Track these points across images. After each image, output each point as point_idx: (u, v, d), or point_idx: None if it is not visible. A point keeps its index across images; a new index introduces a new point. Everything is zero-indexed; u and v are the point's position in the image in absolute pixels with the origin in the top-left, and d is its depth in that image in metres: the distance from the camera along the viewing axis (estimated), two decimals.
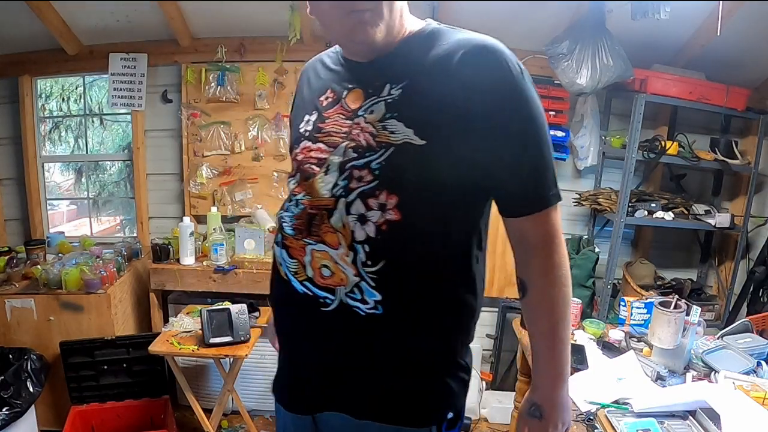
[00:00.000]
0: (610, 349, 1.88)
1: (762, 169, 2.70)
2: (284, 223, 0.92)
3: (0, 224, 2.91)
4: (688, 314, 1.71)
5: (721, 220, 2.53)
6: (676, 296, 1.77)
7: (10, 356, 2.19)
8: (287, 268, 0.91)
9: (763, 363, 1.70)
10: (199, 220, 2.87)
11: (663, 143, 2.51)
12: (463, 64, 0.80)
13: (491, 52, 0.80)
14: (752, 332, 1.90)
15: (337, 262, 0.83)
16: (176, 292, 2.61)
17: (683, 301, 1.73)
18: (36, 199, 2.91)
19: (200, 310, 2.12)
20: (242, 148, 2.81)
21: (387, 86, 0.84)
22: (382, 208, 0.80)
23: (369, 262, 0.81)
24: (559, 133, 2.75)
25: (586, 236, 2.94)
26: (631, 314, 2.08)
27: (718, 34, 2.13)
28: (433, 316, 0.87)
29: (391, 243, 0.81)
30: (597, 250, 2.77)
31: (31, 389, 2.11)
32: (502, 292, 2.80)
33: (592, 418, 1.46)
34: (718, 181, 2.91)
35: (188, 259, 2.52)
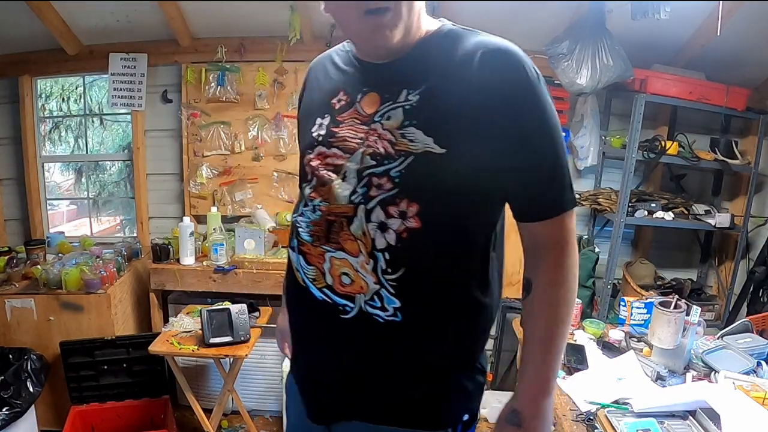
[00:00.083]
0: (610, 349, 1.88)
1: (762, 169, 2.69)
2: (300, 229, 0.90)
3: (0, 224, 2.91)
4: (688, 314, 1.71)
5: (721, 220, 2.52)
6: (676, 296, 1.77)
7: (10, 356, 2.19)
8: (305, 274, 0.89)
9: (763, 363, 1.71)
10: (199, 220, 2.87)
11: (663, 143, 2.50)
12: (481, 69, 0.78)
13: (509, 56, 0.79)
14: (752, 332, 1.90)
15: (357, 270, 0.82)
16: (176, 292, 2.61)
17: (683, 301, 1.74)
18: (36, 199, 2.91)
19: (200, 310, 2.12)
20: (242, 148, 2.81)
21: (404, 92, 0.82)
22: (403, 216, 0.79)
23: (389, 270, 0.81)
24: None
25: (586, 236, 2.94)
26: (631, 314, 2.08)
27: (718, 34, 2.13)
28: (451, 320, 0.86)
29: (411, 251, 0.80)
30: (597, 250, 2.77)
31: (31, 389, 2.11)
32: (502, 292, 2.79)
33: (592, 418, 1.46)
34: (718, 181, 2.91)
35: (188, 259, 2.52)
